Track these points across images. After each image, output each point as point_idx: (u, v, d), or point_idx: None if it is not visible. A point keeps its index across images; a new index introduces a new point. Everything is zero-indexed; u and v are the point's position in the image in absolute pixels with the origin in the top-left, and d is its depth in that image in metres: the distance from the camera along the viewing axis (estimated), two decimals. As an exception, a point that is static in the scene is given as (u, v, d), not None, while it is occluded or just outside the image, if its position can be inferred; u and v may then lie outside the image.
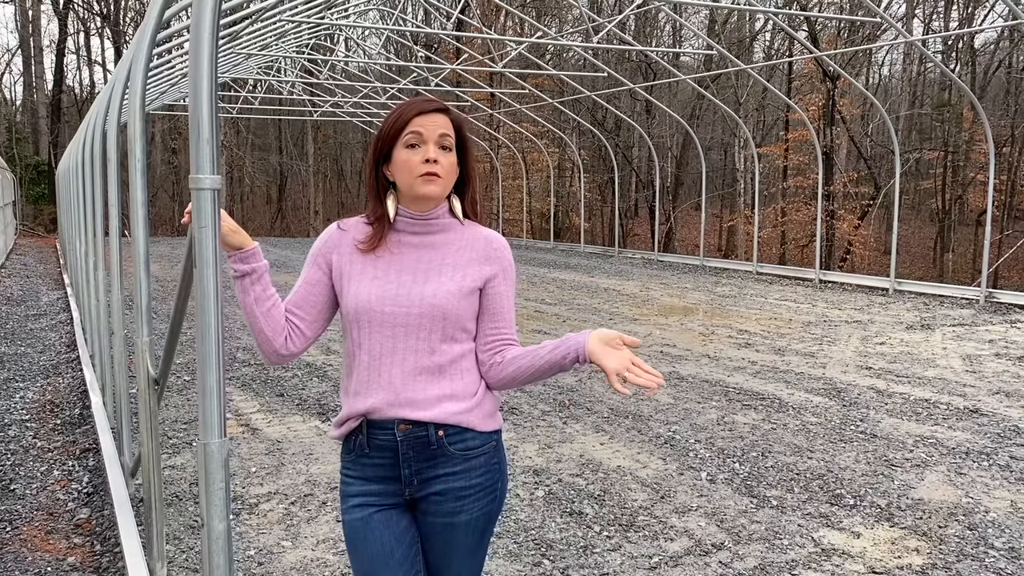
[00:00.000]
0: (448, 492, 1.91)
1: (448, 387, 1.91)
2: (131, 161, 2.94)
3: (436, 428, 1.89)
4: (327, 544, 3.81)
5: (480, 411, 1.94)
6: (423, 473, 1.92)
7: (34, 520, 4.21)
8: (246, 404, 6.26)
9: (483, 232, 2.00)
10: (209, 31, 1.66)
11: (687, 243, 27.61)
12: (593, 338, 1.86)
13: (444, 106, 1.94)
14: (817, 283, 13.86)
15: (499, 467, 1.99)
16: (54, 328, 9.94)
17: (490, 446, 1.95)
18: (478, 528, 1.97)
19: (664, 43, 27.78)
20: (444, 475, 1.91)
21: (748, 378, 7.13)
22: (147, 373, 3.06)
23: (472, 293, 1.93)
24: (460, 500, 1.92)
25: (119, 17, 30.66)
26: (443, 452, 1.90)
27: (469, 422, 1.92)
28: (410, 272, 1.92)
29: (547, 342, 1.94)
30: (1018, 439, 5.44)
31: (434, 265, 1.93)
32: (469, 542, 1.97)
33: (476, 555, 2.01)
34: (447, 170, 1.91)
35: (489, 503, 1.96)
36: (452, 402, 1.91)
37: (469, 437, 1.92)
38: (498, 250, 1.98)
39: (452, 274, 1.92)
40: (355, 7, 16.17)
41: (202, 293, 1.69)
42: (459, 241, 1.96)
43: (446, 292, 1.90)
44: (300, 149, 34.29)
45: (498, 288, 1.96)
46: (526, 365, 1.94)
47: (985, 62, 25.02)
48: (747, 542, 3.86)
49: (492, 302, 1.96)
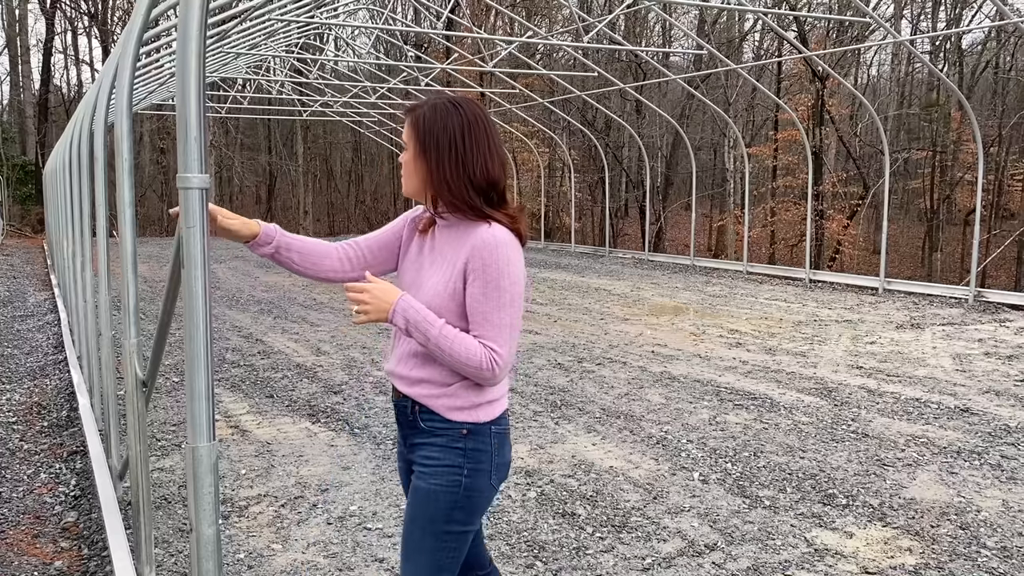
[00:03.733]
0: (419, 460, 2.13)
1: (427, 373, 2.09)
2: (118, 161, 2.91)
3: (413, 403, 2.13)
4: (317, 547, 3.78)
5: (448, 400, 2.08)
6: (407, 438, 2.20)
7: (20, 524, 4.16)
8: (235, 405, 6.22)
9: (478, 232, 2.02)
10: (197, 30, 1.64)
11: (677, 243, 27.65)
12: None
13: (407, 109, 2.10)
14: (807, 283, 13.90)
15: (464, 453, 2.08)
16: (41, 329, 9.86)
17: (456, 433, 2.08)
18: (434, 504, 2.07)
19: (654, 43, 27.81)
20: (418, 444, 2.14)
21: (739, 378, 7.13)
22: (135, 375, 3.02)
23: (455, 292, 2.03)
24: (424, 468, 2.11)
25: (107, 16, 30.47)
26: (416, 424, 2.13)
27: (436, 407, 2.09)
28: (428, 263, 2.13)
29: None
30: (1009, 438, 5.46)
31: (438, 258, 2.11)
32: (421, 515, 2.09)
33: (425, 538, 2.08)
34: (404, 169, 2.11)
35: (449, 484, 2.07)
36: (426, 386, 2.10)
37: (437, 419, 2.10)
38: (476, 247, 2.00)
39: (441, 271, 2.07)
40: (344, 6, 16.11)
41: (190, 294, 1.67)
42: (461, 238, 2.06)
43: (432, 289, 2.06)
44: (289, 149, 34.16)
45: (469, 288, 2.02)
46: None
47: (973, 62, 25.16)
48: (740, 542, 3.85)
49: (467, 301, 2.03)
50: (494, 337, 2.00)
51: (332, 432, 5.53)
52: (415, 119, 2.06)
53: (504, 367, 2.02)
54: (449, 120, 2.03)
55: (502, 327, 2.00)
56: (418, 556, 2.09)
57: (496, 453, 2.12)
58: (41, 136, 28.46)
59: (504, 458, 2.16)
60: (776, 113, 23.93)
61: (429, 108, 2.06)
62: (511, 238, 2.03)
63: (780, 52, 24.86)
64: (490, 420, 2.11)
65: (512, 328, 2.02)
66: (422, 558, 2.09)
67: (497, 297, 1.99)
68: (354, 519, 4.09)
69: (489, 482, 2.12)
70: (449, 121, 2.03)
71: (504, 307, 2.00)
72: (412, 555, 2.10)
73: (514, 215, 2.08)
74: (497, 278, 1.98)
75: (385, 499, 4.34)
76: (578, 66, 21.44)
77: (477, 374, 2.02)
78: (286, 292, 12.79)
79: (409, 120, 2.07)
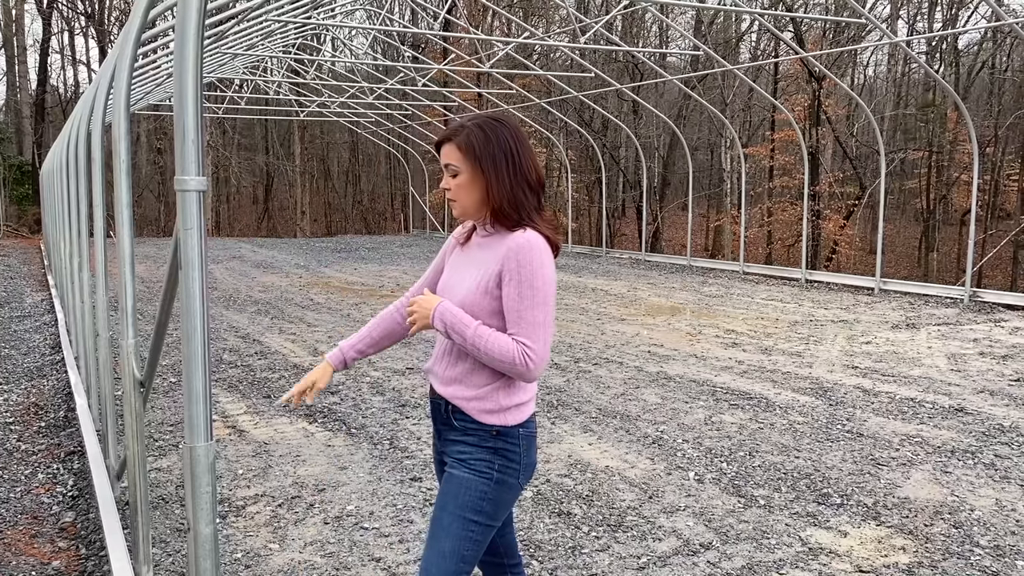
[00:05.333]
0: (453, 454, 2.25)
1: (461, 373, 2.22)
2: (116, 161, 2.92)
3: (447, 403, 2.25)
4: (315, 547, 3.79)
5: (480, 404, 2.20)
6: (441, 433, 2.32)
7: (18, 524, 4.17)
8: (232, 406, 6.23)
9: (513, 236, 2.16)
10: (194, 31, 1.65)
11: (674, 243, 27.69)
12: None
13: (447, 135, 2.22)
14: (803, 283, 13.93)
15: (495, 451, 2.20)
16: (38, 330, 9.86)
17: (487, 433, 2.20)
18: (466, 491, 2.18)
19: (651, 44, 27.84)
20: (452, 440, 2.26)
21: (735, 378, 7.15)
22: (132, 375, 3.03)
23: (487, 291, 2.16)
24: (459, 461, 2.22)
25: (103, 16, 30.43)
26: (450, 423, 2.26)
27: (468, 409, 2.21)
28: (464, 269, 2.26)
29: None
30: (1002, 437, 5.48)
31: (474, 265, 2.23)
32: (452, 500, 2.19)
33: (453, 523, 2.16)
34: (456, 193, 2.21)
35: (481, 475, 2.19)
36: (459, 387, 2.22)
37: (468, 419, 2.22)
38: (510, 251, 2.14)
39: (476, 274, 2.20)
40: (342, 7, 16.12)
41: (188, 295, 1.68)
42: (496, 246, 2.20)
43: (466, 289, 2.19)
44: (286, 149, 34.14)
45: (505, 289, 2.14)
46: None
47: (968, 63, 25.20)
48: (735, 541, 3.87)
49: (503, 303, 2.15)
50: (528, 334, 2.11)
51: (329, 432, 5.55)
52: (465, 143, 2.18)
53: (539, 363, 2.12)
54: (500, 134, 2.19)
55: (536, 325, 2.11)
56: (443, 540, 2.16)
57: (524, 454, 2.25)
58: (38, 136, 28.43)
59: (531, 459, 2.28)
60: (773, 113, 23.96)
61: (476, 128, 2.18)
62: (544, 243, 2.16)
63: (777, 53, 24.90)
64: (518, 423, 2.23)
65: (545, 326, 2.13)
66: (447, 543, 2.16)
67: (532, 296, 2.11)
68: (351, 519, 4.10)
69: (517, 480, 2.24)
70: (500, 135, 2.19)
71: (537, 306, 2.11)
72: (438, 538, 2.18)
73: (554, 224, 2.29)
74: (531, 278, 2.11)
75: (382, 499, 4.36)
76: (575, 67, 21.47)
77: (512, 369, 2.12)
78: (283, 292, 12.79)
79: (455, 145, 2.18)
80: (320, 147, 35.21)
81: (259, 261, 18.14)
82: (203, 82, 1.69)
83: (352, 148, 35.44)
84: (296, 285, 13.78)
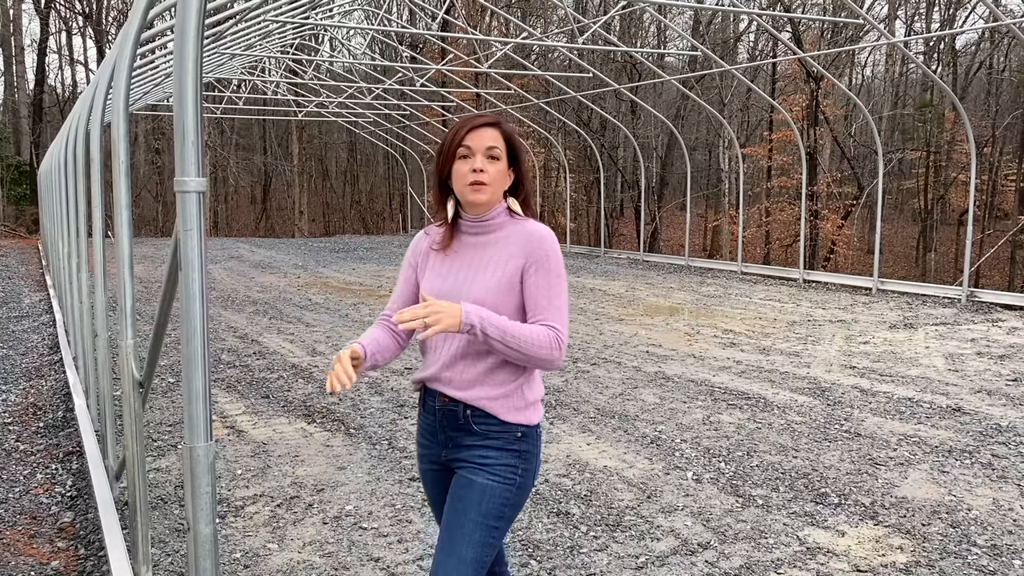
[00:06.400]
0: (471, 459, 2.20)
1: (484, 374, 2.18)
2: (115, 162, 2.92)
3: (466, 407, 2.20)
4: (313, 546, 3.80)
5: (507, 403, 2.19)
6: (454, 440, 2.24)
7: (17, 524, 4.17)
8: (231, 406, 6.23)
9: (528, 226, 2.21)
10: (194, 31, 1.66)
11: (672, 243, 27.71)
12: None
13: (495, 120, 2.23)
14: (801, 283, 13.94)
15: (519, 455, 2.20)
16: (36, 330, 9.86)
17: (512, 436, 2.19)
18: (489, 499, 2.16)
19: (649, 44, 27.85)
20: (469, 445, 2.21)
21: (733, 378, 7.16)
22: (131, 375, 3.04)
23: (511, 287, 2.17)
24: (481, 467, 2.19)
25: (101, 16, 30.41)
26: (469, 428, 2.21)
27: (493, 410, 2.18)
28: (466, 268, 2.22)
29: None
30: (1000, 437, 5.49)
31: (484, 262, 2.21)
32: (475, 508, 2.15)
33: (476, 531, 2.14)
34: (493, 177, 2.19)
35: (505, 481, 2.18)
36: (482, 388, 2.19)
37: (492, 422, 2.19)
38: (533, 242, 2.18)
39: (494, 270, 2.18)
40: (340, 7, 16.13)
41: (187, 296, 1.68)
42: (508, 238, 2.21)
43: (485, 288, 2.16)
44: (285, 149, 34.13)
45: (531, 279, 2.16)
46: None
47: (966, 63, 25.23)
48: (733, 541, 3.88)
49: (527, 292, 2.17)
50: (557, 319, 2.16)
51: (328, 432, 5.55)
52: (507, 132, 2.23)
53: (565, 345, 2.17)
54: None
55: (562, 309, 2.18)
56: (465, 548, 2.13)
57: (539, 453, 2.28)
58: (36, 136, 28.40)
59: (540, 458, 2.32)
60: (771, 114, 23.98)
61: (505, 121, 2.27)
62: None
63: (775, 53, 24.90)
64: (537, 422, 2.26)
65: (566, 312, 2.20)
66: (469, 551, 2.13)
67: (558, 283, 2.18)
68: (350, 519, 4.11)
69: (533, 482, 2.26)
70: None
71: (562, 292, 2.19)
72: (458, 545, 2.14)
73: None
74: (556, 266, 2.19)
75: (380, 499, 4.36)
76: (573, 67, 21.47)
77: (548, 355, 2.13)
78: (281, 292, 12.79)
79: (499, 133, 2.22)
80: (318, 147, 35.20)
81: (257, 261, 18.14)
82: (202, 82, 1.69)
83: (350, 148, 35.43)
84: (294, 285, 13.77)
